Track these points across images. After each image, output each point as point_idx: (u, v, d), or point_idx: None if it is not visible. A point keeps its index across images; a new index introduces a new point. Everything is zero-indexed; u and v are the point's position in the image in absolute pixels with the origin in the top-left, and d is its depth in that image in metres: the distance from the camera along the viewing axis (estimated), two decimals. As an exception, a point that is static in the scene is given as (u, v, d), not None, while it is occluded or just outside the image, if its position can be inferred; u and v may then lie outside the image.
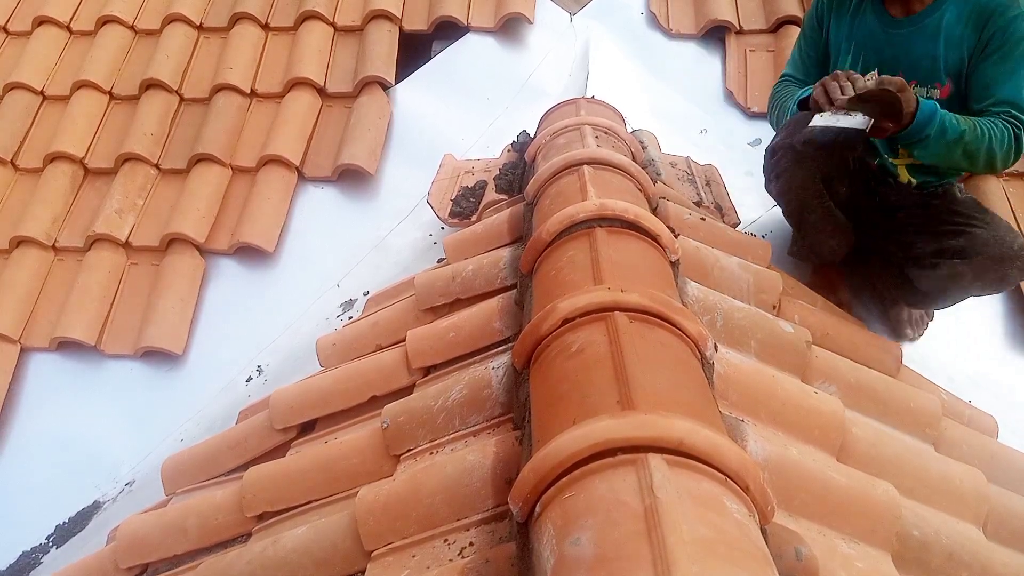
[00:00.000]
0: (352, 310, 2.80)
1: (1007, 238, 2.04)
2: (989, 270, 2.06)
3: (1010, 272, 2.05)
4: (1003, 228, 2.09)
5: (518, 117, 3.05)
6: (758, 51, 3.31)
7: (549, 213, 1.57)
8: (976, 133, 1.88)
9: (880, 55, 2.07)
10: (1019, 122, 1.89)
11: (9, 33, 3.76)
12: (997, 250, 2.03)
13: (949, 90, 2.01)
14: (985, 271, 2.07)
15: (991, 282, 2.11)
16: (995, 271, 2.06)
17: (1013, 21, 1.88)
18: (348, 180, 3.12)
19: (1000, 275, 2.07)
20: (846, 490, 1.23)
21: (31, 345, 2.88)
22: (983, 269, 2.07)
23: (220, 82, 3.30)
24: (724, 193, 2.58)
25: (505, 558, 0.99)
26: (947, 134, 1.86)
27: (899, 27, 2.03)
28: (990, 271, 2.07)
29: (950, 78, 1.99)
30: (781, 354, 1.55)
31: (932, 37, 1.97)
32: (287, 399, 1.76)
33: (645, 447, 0.87)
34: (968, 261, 2.07)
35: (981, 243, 2.05)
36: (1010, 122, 1.89)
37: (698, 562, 0.71)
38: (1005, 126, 1.89)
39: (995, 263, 2.04)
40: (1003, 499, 1.51)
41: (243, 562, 1.32)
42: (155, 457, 2.55)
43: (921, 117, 1.85)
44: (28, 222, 3.07)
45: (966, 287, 2.15)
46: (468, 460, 1.22)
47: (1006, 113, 1.90)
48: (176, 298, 2.85)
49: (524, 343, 1.25)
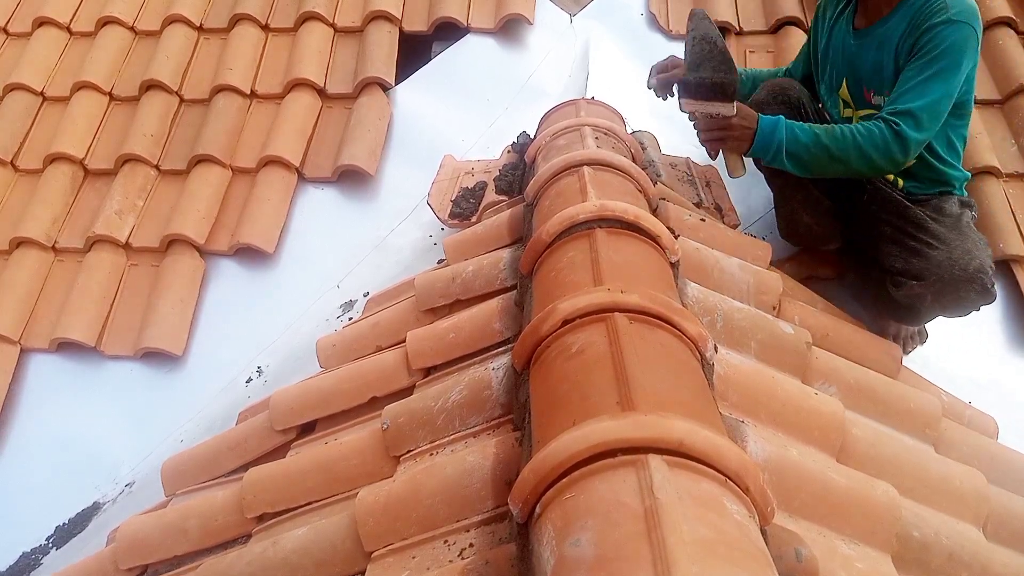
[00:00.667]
0: (352, 311, 2.80)
1: (962, 260, 1.99)
2: (945, 293, 2.02)
3: (967, 295, 2.00)
4: (961, 250, 2.01)
5: (518, 118, 3.05)
6: (758, 52, 3.31)
7: (549, 214, 1.57)
8: (835, 135, 1.91)
9: (845, 64, 2.18)
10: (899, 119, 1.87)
11: (9, 34, 3.75)
12: (951, 272, 1.98)
13: None
14: (942, 294, 2.03)
15: (950, 305, 2.06)
16: (951, 294, 2.01)
17: (935, 28, 1.88)
18: (348, 181, 3.12)
19: (956, 298, 2.02)
20: (846, 491, 1.23)
21: (31, 346, 2.88)
22: (940, 292, 2.02)
23: (220, 83, 3.30)
24: (724, 194, 2.58)
25: (505, 559, 0.99)
26: (799, 139, 1.92)
27: (860, 37, 2.12)
28: (947, 294, 2.02)
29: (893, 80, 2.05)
30: (781, 355, 1.56)
31: (880, 47, 2.05)
32: (287, 400, 1.76)
33: (645, 448, 0.87)
34: (924, 283, 2.04)
35: (935, 265, 2.01)
36: (888, 120, 1.88)
37: (698, 563, 0.71)
38: (881, 125, 1.88)
39: (950, 286, 2.00)
40: (1003, 500, 1.51)
41: (243, 563, 1.32)
42: (155, 458, 2.55)
43: (763, 129, 1.94)
44: (28, 223, 3.07)
45: (931, 308, 2.11)
46: (468, 461, 1.22)
47: (892, 119, 1.88)
48: (176, 299, 2.85)
49: (524, 344, 1.25)
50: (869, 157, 1.91)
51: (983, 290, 1.99)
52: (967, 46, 1.89)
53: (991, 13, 3.11)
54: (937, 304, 2.08)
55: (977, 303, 2.05)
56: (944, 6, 1.89)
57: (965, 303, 2.04)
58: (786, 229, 2.50)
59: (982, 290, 1.99)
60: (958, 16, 1.87)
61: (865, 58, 2.11)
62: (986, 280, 1.98)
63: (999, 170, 2.82)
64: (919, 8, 1.94)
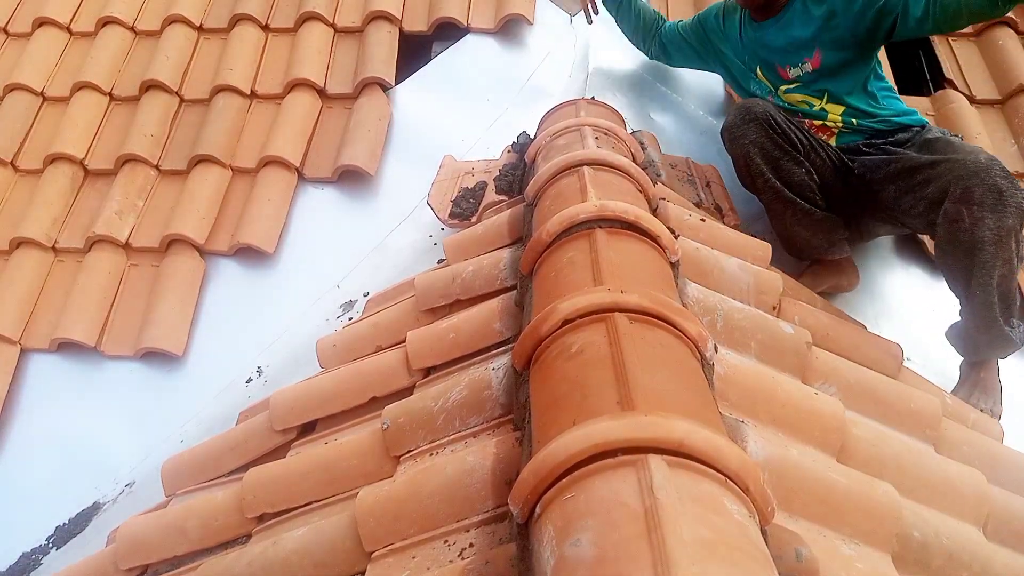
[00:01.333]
0: (352, 311, 2.80)
1: (969, 156, 1.96)
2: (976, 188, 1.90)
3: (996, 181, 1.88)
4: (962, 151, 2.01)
5: (518, 118, 3.05)
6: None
7: (549, 214, 1.57)
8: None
9: (754, 54, 2.52)
10: None
11: (9, 34, 3.75)
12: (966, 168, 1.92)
13: (819, 59, 2.33)
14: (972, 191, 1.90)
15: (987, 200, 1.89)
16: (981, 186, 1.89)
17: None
18: (348, 181, 3.12)
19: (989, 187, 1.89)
20: (846, 491, 1.23)
21: (31, 346, 2.88)
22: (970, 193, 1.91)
23: (220, 83, 3.30)
24: (724, 194, 2.58)
25: (505, 559, 0.99)
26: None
27: (763, 29, 2.45)
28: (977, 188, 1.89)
29: (817, 48, 2.32)
30: (781, 355, 1.56)
31: (787, 27, 2.37)
32: (287, 400, 1.76)
33: (645, 448, 0.87)
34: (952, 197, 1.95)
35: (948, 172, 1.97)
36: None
37: (698, 563, 0.71)
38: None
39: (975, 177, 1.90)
40: (1004, 500, 1.51)
41: (243, 563, 1.32)
42: (155, 458, 2.55)
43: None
44: (28, 223, 3.07)
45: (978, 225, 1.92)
46: (468, 461, 1.22)
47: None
48: (176, 299, 2.85)
49: (524, 344, 1.25)
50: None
51: (1005, 175, 1.90)
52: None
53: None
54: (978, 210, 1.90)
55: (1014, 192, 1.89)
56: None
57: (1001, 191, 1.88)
58: (787, 245, 2.50)
59: (1007, 175, 1.90)
60: None
61: (773, 41, 2.42)
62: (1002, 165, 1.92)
63: (999, 170, 2.82)
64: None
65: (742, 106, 2.35)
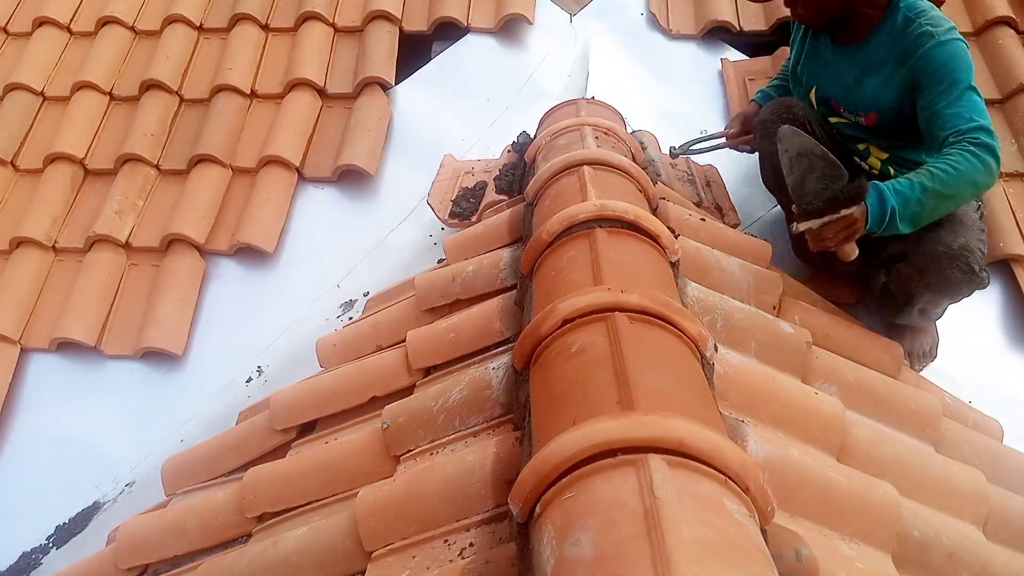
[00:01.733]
0: (352, 311, 2.80)
1: (947, 238, 1.96)
2: (929, 271, 1.99)
3: (951, 272, 1.96)
4: (946, 230, 1.98)
5: (518, 118, 3.05)
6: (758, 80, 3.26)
7: (549, 214, 1.57)
8: (938, 178, 1.85)
9: (822, 77, 2.22)
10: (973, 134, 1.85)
11: (9, 34, 3.75)
12: (934, 249, 1.96)
13: (874, 119, 2.10)
14: (926, 272, 2.00)
15: (936, 284, 2.02)
16: (935, 272, 1.99)
17: (934, 53, 1.89)
18: (348, 181, 3.12)
19: (941, 277, 1.98)
20: (846, 491, 1.23)
21: (31, 346, 2.88)
22: (924, 270, 2.00)
23: (220, 83, 3.30)
24: (724, 194, 2.58)
25: (505, 559, 0.99)
26: (908, 197, 1.84)
27: (839, 54, 2.15)
28: (930, 272, 1.99)
29: (875, 111, 2.08)
30: (781, 355, 1.56)
31: (859, 68, 2.08)
32: (287, 400, 1.76)
33: (645, 447, 0.87)
34: (910, 264, 2.03)
35: (920, 244, 1.99)
36: (977, 143, 1.85)
37: (698, 563, 0.71)
38: (963, 148, 1.85)
39: (933, 264, 1.97)
40: (1003, 499, 1.51)
41: (243, 563, 1.32)
42: (155, 458, 2.55)
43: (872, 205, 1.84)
44: (28, 223, 3.06)
45: (921, 292, 2.08)
46: (468, 461, 1.22)
47: (969, 138, 1.85)
48: (176, 299, 2.85)
49: (524, 344, 1.25)
50: (975, 180, 1.86)
51: (968, 269, 1.95)
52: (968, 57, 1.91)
53: (991, 13, 3.10)
54: (923, 285, 2.04)
55: (963, 284, 2.00)
56: (927, 31, 1.91)
57: (951, 283, 2.00)
58: (798, 250, 2.48)
59: (967, 269, 1.95)
60: (946, 36, 1.90)
61: (840, 73, 2.14)
62: (971, 259, 1.95)
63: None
64: (900, 35, 1.96)
65: (782, 103, 2.30)
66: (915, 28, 1.93)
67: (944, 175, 1.85)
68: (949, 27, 1.92)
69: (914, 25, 1.94)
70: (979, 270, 1.97)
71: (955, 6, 3.22)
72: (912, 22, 1.95)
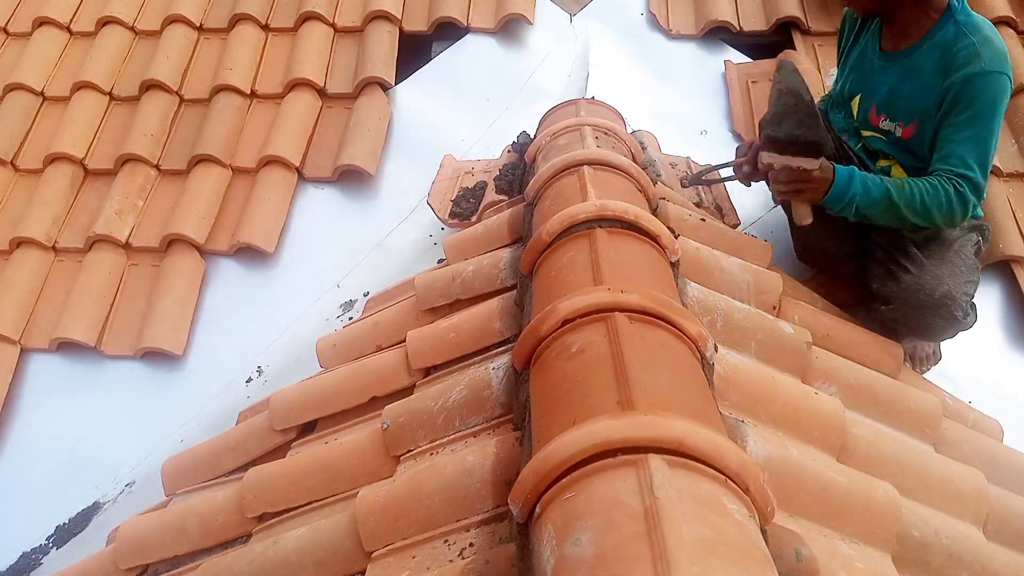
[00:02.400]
0: (352, 311, 2.80)
1: (929, 285, 1.96)
2: (910, 318, 2.00)
3: (932, 321, 1.98)
4: (931, 275, 1.98)
5: (518, 118, 3.05)
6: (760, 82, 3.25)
7: (549, 214, 1.57)
8: (904, 192, 1.89)
9: (863, 80, 2.16)
10: (962, 181, 1.86)
11: (9, 34, 3.75)
12: (916, 297, 1.97)
13: (912, 131, 2.03)
14: (907, 318, 2.01)
15: (918, 330, 2.04)
16: (916, 319, 2.00)
17: (972, 79, 1.85)
18: (348, 181, 3.12)
19: (922, 324, 2.00)
20: (846, 490, 1.23)
21: (31, 346, 2.88)
22: (905, 316, 2.01)
23: (220, 83, 3.30)
24: (724, 194, 2.58)
25: (505, 559, 0.99)
26: (871, 194, 1.90)
27: (884, 60, 2.08)
28: (912, 319, 2.01)
29: (915, 120, 2.02)
30: (781, 355, 1.56)
31: (904, 76, 2.02)
32: (287, 400, 1.76)
33: (645, 447, 0.87)
34: (891, 308, 2.04)
35: (902, 289, 2.00)
36: (952, 180, 1.87)
37: (698, 563, 0.71)
38: (946, 184, 1.87)
39: (914, 311, 1.98)
40: (1003, 499, 1.51)
41: (243, 563, 1.32)
42: (155, 458, 2.55)
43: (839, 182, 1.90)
44: (28, 223, 3.06)
45: (903, 335, 2.08)
46: (468, 461, 1.22)
47: (956, 181, 1.87)
48: (176, 299, 2.85)
49: (524, 344, 1.25)
50: (931, 215, 1.90)
51: (950, 316, 1.96)
52: (1004, 95, 1.87)
53: (991, 13, 3.10)
54: (906, 328, 2.06)
55: (946, 330, 2.03)
56: (976, 52, 1.85)
57: (932, 329, 2.03)
58: (803, 250, 2.47)
59: (948, 316, 1.96)
60: (992, 66, 1.84)
61: (885, 82, 2.07)
62: (953, 307, 1.95)
63: (999, 170, 2.82)
64: (948, 47, 1.89)
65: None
66: (966, 45, 1.86)
67: (912, 197, 1.89)
68: (1000, 56, 1.86)
69: (966, 41, 1.87)
70: (962, 317, 1.99)
71: (955, 6, 3.22)
72: (964, 37, 1.87)
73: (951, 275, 1.99)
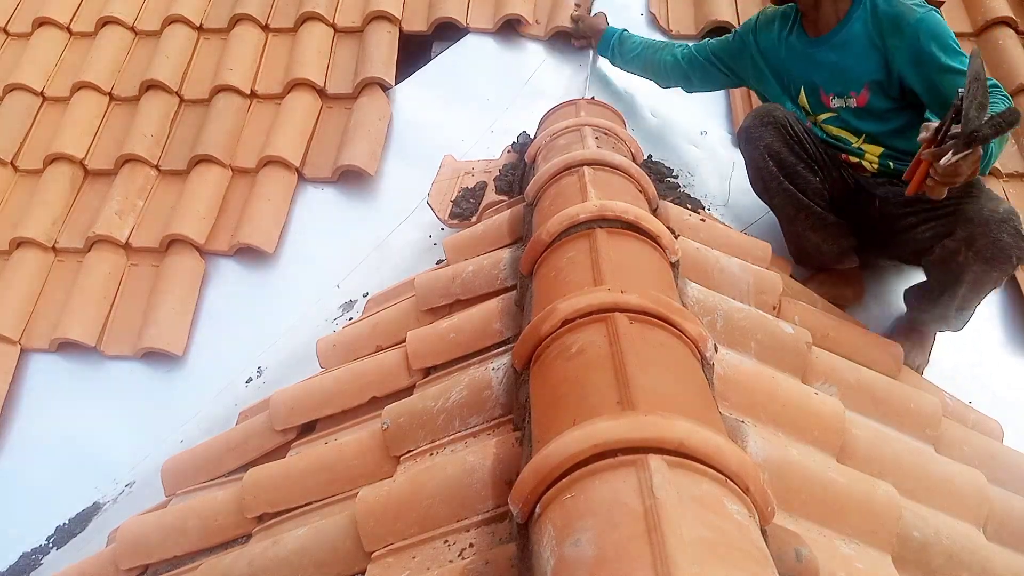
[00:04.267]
0: (352, 311, 2.79)
1: (991, 204, 1.97)
2: (977, 238, 1.95)
3: (1001, 237, 1.93)
4: (987, 198, 2.01)
5: (518, 118, 3.04)
6: None
7: (549, 214, 1.57)
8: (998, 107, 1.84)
9: (802, 73, 2.29)
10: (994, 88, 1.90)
11: (9, 34, 3.75)
12: (981, 215, 1.95)
13: (866, 98, 2.16)
14: (974, 240, 1.96)
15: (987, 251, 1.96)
16: (984, 238, 1.95)
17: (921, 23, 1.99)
18: (348, 181, 3.12)
19: (991, 242, 1.94)
20: (846, 491, 1.23)
21: (31, 346, 2.88)
22: (972, 239, 1.96)
23: (220, 83, 3.30)
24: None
25: (505, 559, 0.99)
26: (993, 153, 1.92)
27: (815, 46, 2.23)
28: (979, 239, 1.95)
29: (866, 86, 2.15)
30: (781, 355, 1.56)
31: (841, 50, 2.16)
32: (287, 400, 1.76)
33: (645, 448, 0.87)
34: (956, 237, 2.00)
35: (964, 214, 1.99)
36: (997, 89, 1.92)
37: (698, 563, 0.71)
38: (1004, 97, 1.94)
39: (981, 229, 1.94)
40: (1004, 500, 1.51)
41: (243, 563, 1.32)
42: (155, 458, 2.54)
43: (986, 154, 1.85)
44: (28, 223, 3.06)
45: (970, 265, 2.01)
46: (468, 461, 1.23)
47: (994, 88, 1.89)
48: (176, 299, 2.85)
49: (524, 344, 1.25)
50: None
51: (1016, 232, 1.93)
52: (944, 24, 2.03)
53: (991, 13, 3.11)
54: (973, 254, 1.98)
55: (1013, 250, 1.95)
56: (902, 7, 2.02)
57: (1002, 248, 1.94)
58: (797, 252, 2.47)
59: (1015, 233, 1.93)
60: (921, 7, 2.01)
61: (823, 63, 2.21)
62: (1017, 223, 1.94)
63: (999, 170, 2.82)
64: (874, 10, 2.07)
65: (762, 109, 2.31)
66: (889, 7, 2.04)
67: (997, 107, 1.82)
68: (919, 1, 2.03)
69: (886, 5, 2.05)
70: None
71: (955, 6, 3.22)
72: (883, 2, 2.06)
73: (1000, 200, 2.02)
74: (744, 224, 2.67)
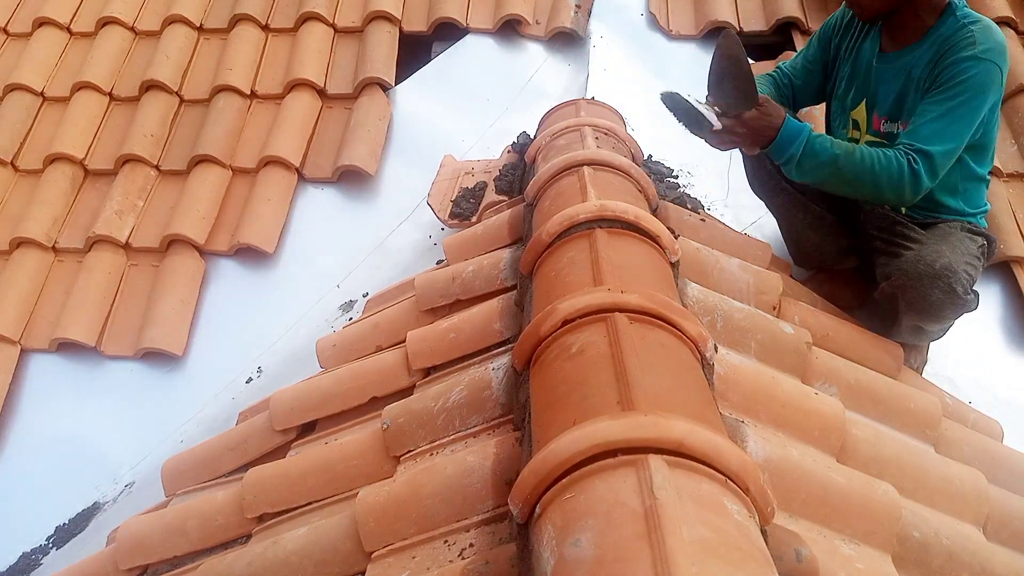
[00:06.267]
0: (352, 311, 2.79)
1: (929, 257, 1.89)
2: (908, 290, 1.91)
3: (931, 293, 1.88)
4: (931, 249, 1.92)
5: (518, 118, 3.05)
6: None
7: (549, 214, 1.57)
8: (855, 159, 1.85)
9: (867, 86, 2.12)
10: (919, 156, 1.83)
11: (9, 34, 3.75)
12: (915, 268, 1.89)
13: None
14: (906, 291, 1.92)
15: (916, 304, 1.93)
16: (914, 291, 1.90)
17: (960, 61, 1.84)
18: (348, 181, 3.12)
19: (920, 296, 1.90)
20: (846, 491, 1.23)
21: (31, 346, 2.88)
22: (904, 289, 1.93)
23: (220, 83, 3.30)
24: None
25: (505, 559, 0.99)
26: (818, 156, 1.87)
27: (884, 61, 2.06)
28: (910, 291, 1.91)
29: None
30: (781, 355, 1.56)
31: (901, 76, 2.01)
32: (287, 400, 1.76)
33: (645, 448, 0.87)
34: (891, 281, 1.96)
35: (903, 261, 1.94)
36: (909, 154, 1.84)
37: (698, 563, 0.71)
38: (901, 157, 1.84)
39: (913, 282, 1.90)
40: (1003, 500, 1.51)
41: (243, 563, 1.32)
42: (155, 458, 2.55)
43: (785, 134, 1.88)
44: (28, 223, 3.07)
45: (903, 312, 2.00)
46: (468, 461, 1.22)
47: (912, 156, 1.84)
48: (176, 299, 2.85)
49: (524, 344, 1.25)
50: (880, 185, 1.86)
51: (950, 290, 1.87)
52: (991, 85, 1.84)
53: (991, 13, 3.10)
54: (905, 304, 1.96)
55: (945, 306, 1.91)
56: (972, 40, 1.84)
57: (931, 303, 1.91)
58: (796, 252, 2.46)
59: (948, 290, 1.87)
60: (985, 54, 1.82)
61: (886, 83, 2.05)
62: (953, 280, 1.86)
63: (999, 170, 2.82)
64: (947, 38, 1.89)
65: None
66: (965, 34, 1.86)
67: (861, 163, 1.86)
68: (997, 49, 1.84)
69: (965, 32, 1.86)
70: (963, 292, 1.89)
71: (955, 6, 3.22)
72: (964, 28, 1.87)
73: (952, 251, 1.93)
74: (744, 224, 2.67)
